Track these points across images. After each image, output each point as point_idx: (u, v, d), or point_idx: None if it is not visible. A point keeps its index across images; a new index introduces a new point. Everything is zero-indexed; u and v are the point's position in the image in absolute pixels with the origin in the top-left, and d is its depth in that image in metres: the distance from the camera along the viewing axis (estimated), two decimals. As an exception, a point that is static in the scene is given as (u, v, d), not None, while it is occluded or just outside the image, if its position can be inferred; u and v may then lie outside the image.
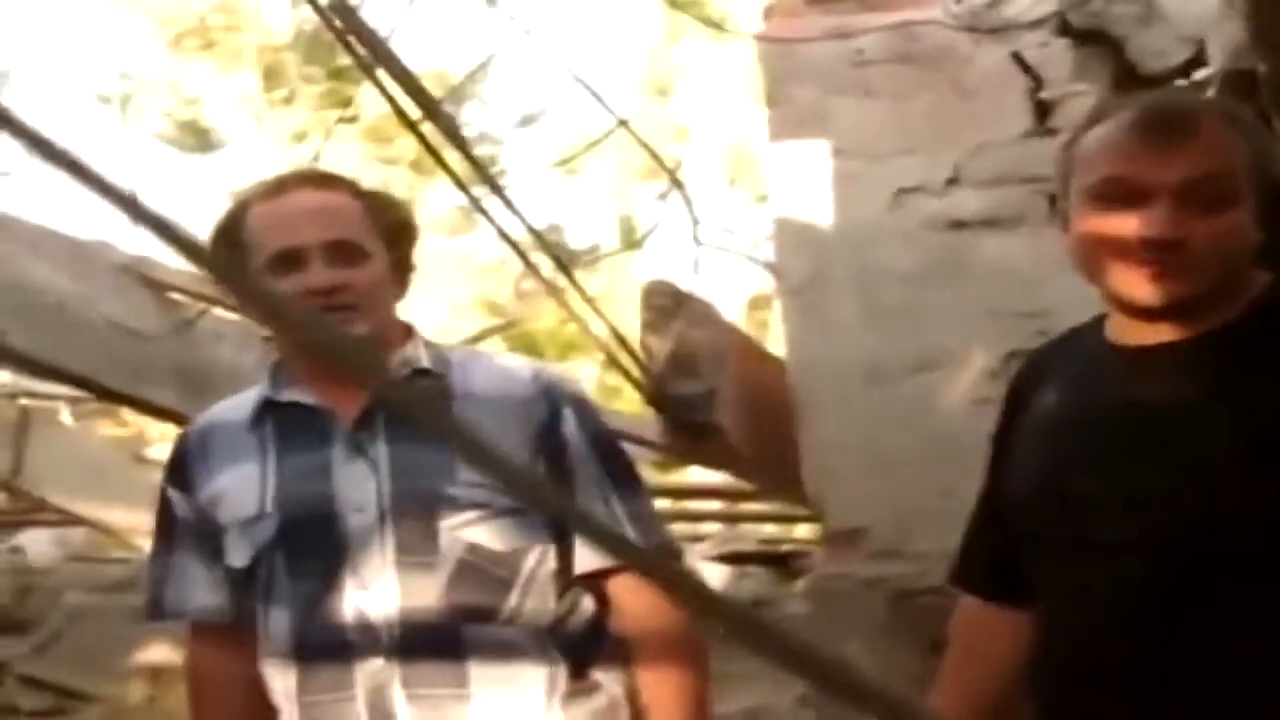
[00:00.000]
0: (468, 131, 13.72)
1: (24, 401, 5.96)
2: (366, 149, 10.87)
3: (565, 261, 3.79)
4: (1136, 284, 1.95)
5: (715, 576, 7.42)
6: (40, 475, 5.33)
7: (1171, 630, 1.92)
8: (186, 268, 4.48)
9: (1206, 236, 1.91)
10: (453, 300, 12.48)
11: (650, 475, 8.43)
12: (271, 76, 10.90)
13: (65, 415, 6.61)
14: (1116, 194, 1.96)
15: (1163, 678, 1.93)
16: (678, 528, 8.37)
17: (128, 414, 6.54)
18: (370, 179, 11.22)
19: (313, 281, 2.29)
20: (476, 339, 9.99)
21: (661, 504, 8.78)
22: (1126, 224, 1.94)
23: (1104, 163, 1.98)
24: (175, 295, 4.48)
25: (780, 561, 6.94)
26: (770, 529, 7.59)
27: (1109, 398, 2.03)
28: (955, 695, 2.31)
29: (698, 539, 8.04)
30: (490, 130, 13.50)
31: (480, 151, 14.12)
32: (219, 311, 4.44)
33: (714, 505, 7.89)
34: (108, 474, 6.01)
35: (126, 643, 5.98)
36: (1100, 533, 1.98)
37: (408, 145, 9.48)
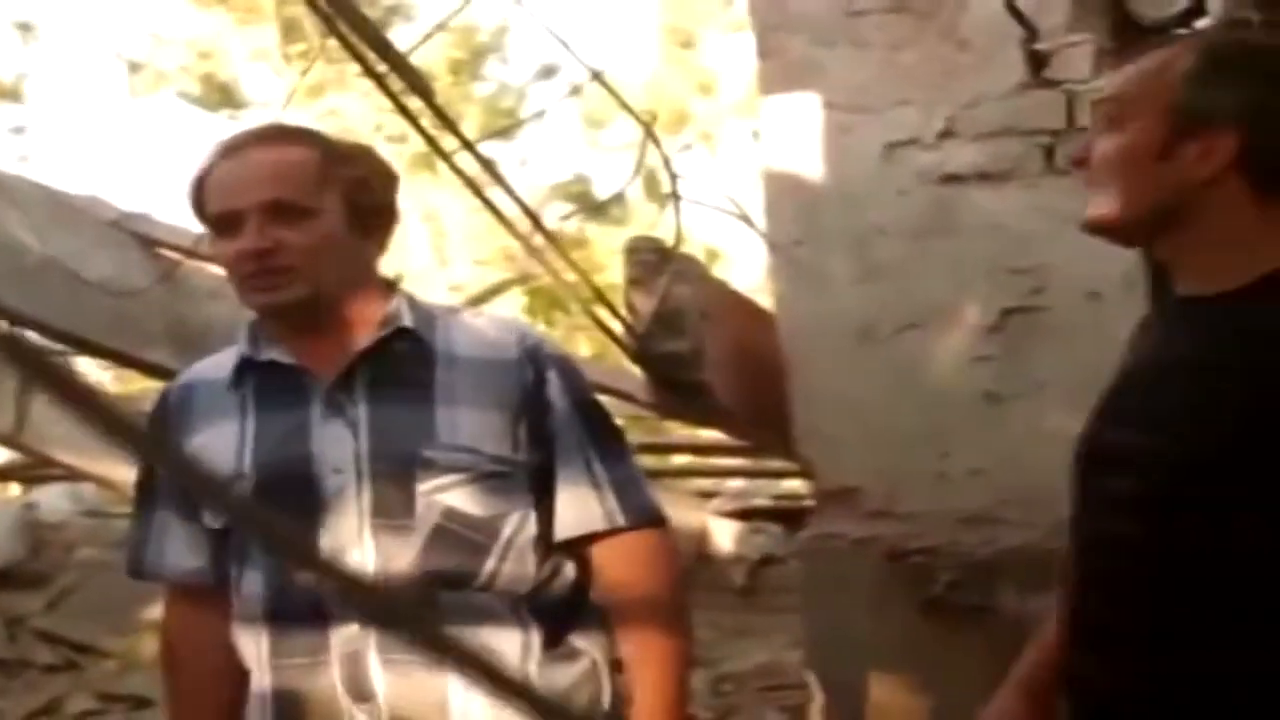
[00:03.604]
0: (488, 86, 13.66)
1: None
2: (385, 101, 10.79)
3: (538, 216, 3.73)
4: None
5: (728, 532, 7.42)
6: (44, 432, 5.33)
7: (1149, 593, 1.86)
8: (177, 222, 4.45)
9: None
10: (475, 254, 12.47)
11: (672, 430, 8.43)
12: (290, 31, 10.84)
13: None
14: None
15: (1134, 641, 1.88)
16: (701, 483, 8.37)
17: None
18: (392, 131, 11.20)
19: (245, 244, 2.24)
20: (496, 290, 9.96)
21: (682, 459, 8.78)
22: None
23: None
24: (166, 251, 4.43)
25: (795, 517, 6.92)
26: (794, 484, 7.54)
27: (1146, 350, 1.99)
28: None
29: (716, 494, 8.04)
30: (511, 83, 13.42)
31: (503, 105, 14.09)
32: (214, 268, 4.40)
33: (738, 461, 7.86)
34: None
35: (138, 597, 5.99)
36: (1107, 488, 1.93)
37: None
